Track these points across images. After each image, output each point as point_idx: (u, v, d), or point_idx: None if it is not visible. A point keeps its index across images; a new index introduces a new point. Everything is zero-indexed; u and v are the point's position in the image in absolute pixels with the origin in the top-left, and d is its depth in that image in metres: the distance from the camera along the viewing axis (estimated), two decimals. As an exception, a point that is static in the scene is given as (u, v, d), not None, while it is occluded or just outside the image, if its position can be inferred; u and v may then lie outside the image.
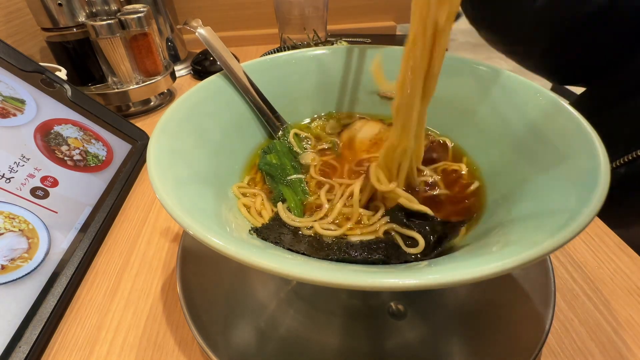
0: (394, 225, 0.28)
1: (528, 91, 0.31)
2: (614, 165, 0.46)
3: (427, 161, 0.35)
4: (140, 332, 0.33)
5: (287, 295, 0.33)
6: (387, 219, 0.29)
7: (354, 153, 0.38)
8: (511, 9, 0.49)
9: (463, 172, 0.34)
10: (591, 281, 0.35)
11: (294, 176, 0.34)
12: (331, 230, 0.28)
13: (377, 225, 0.28)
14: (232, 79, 0.37)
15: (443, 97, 0.38)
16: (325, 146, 0.39)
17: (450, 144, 0.37)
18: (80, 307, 0.36)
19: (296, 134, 0.39)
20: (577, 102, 0.56)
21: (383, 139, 0.39)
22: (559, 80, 0.57)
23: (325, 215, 0.30)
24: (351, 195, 0.31)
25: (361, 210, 0.29)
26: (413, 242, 0.27)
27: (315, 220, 0.30)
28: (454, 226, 0.27)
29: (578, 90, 0.63)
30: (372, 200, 0.31)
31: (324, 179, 0.34)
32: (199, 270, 0.34)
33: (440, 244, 0.26)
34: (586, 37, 0.47)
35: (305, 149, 0.38)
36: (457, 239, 0.27)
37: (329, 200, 0.32)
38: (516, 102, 0.32)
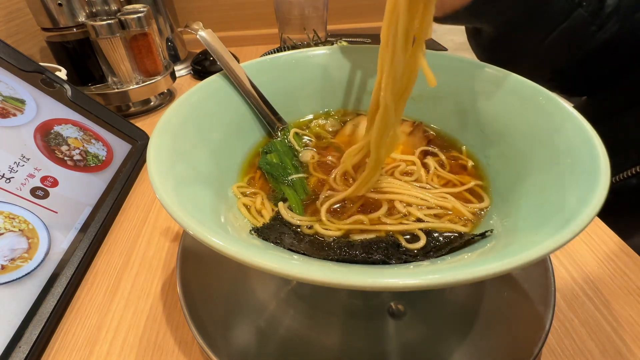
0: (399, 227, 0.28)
1: (528, 91, 0.31)
2: (624, 176, 0.45)
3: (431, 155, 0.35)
4: (140, 332, 0.33)
5: (287, 295, 0.33)
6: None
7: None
8: (511, 53, 0.49)
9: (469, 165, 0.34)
10: (591, 281, 0.35)
11: (295, 175, 0.34)
12: (332, 230, 0.28)
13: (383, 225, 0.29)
14: (233, 80, 0.37)
15: (443, 96, 0.38)
16: (325, 144, 0.39)
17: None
18: (80, 307, 0.36)
19: (296, 133, 0.39)
20: (581, 108, 0.56)
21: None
22: (565, 93, 0.57)
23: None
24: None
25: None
26: (414, 239, 0.27)
27: (316, 220, 0.30)
28: (462, 237, 0.26)
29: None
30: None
31: (327, 177, 0.34)
32: (199, 270, 0.34)
33: (442, 244, 0.26)
34: (590, 66, 0.47)
35: (306, 146, 0.38)
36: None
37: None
38: (516, 101, 0.32)
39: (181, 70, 0.87)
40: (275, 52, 0.70)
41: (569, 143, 0.26)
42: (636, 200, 0.44)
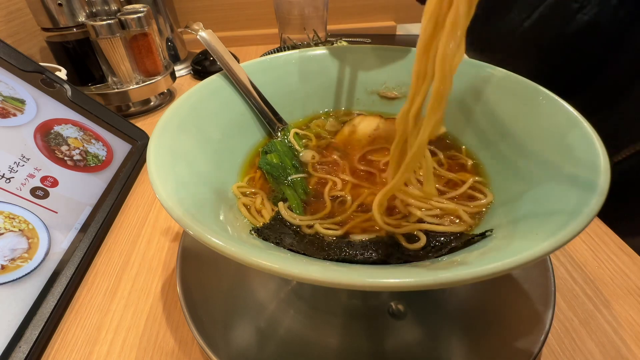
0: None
1: (528, 91, 0.31)
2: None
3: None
4: (140, 332, 0.33)
5: (287, 295, 0.33)
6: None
7: (353, 149, 0.38)
8: (498, 32, 0.50)
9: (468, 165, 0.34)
10: (591, 281, 0.35)
11: (295, 175, 0.34)
12: (332, 230, 0.28)
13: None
14: (233, 80, 0.37)
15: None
16: (326, 144, 0.39)
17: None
18: (80, 307, 0.36)
19: (296, 134, 0.39)
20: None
21: (382, 134, 0.39)
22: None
23: (328, 215, 0.30)
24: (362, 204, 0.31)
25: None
26: (414, 239, 0.27)
27: (316, 220, 0.30)
28: (462, 237, 0.26)
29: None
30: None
31: (327, 176, 0.34)
32: (199, 270, 0.34)
33: (442, 244, 0.26)
34: (571, 53, 0.49)
35: (306, 146, 0.38)
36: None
37: (331, 198, 0.32)
38: (516, 101, 0.32)
39: (181, 70, 0.87)
40: (275, 52, 0.70)
41: (568, 143, 0.26)
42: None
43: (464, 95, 0.36)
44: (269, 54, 0.61)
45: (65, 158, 0.43)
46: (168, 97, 0.75)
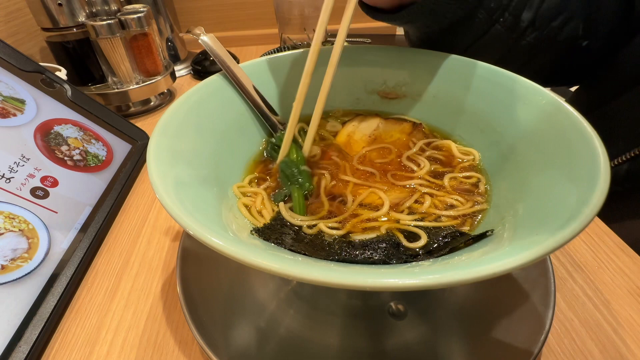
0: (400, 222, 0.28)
1: (527, 91, 0.31)
2: (615, 163, 0.46)
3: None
4: (140, 332, 0.33)
5: (287, 295, 0.33)
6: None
7: (353, 149, 0.38)
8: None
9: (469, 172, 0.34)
10: (591, 281, 0.35)
11: (303, 167, 0.34)
12: (335, 229, 0.28)
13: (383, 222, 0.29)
14: (233, 81, 0.37)
15: (442, 96, 0.38)
16: (325, 145, 0.39)
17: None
18: (80, 307, 0.36)
19: (301, 130, 0.39)
20: (573, 99, 0.55)
21: (381, 134, 0.39)
22: (541, 83, 0.56)
23: (329, 215, 0.30)
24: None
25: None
26: (415, 238, 0.27)
27: (317, 220, 0.30)
28: (463, 237, 0.26)
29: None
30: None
31: (327, 177, 0.34)
32: (199, 270, 0.34)
33: (442, 244, 0.26)
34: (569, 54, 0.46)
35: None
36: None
37: (332, 198, 0.32)
38: (516, 102, 0.32)
39: (181, 70, 0.87)
40: (275, 52, 0.70)
41: (568, 143, 0.26)
42: (627, 187, 0.44)
43: (464, 94, 0.36)
44: (269, 54, 0.61)
45: (65, 158, 0.43)
46: (168, 97, 0.75)
